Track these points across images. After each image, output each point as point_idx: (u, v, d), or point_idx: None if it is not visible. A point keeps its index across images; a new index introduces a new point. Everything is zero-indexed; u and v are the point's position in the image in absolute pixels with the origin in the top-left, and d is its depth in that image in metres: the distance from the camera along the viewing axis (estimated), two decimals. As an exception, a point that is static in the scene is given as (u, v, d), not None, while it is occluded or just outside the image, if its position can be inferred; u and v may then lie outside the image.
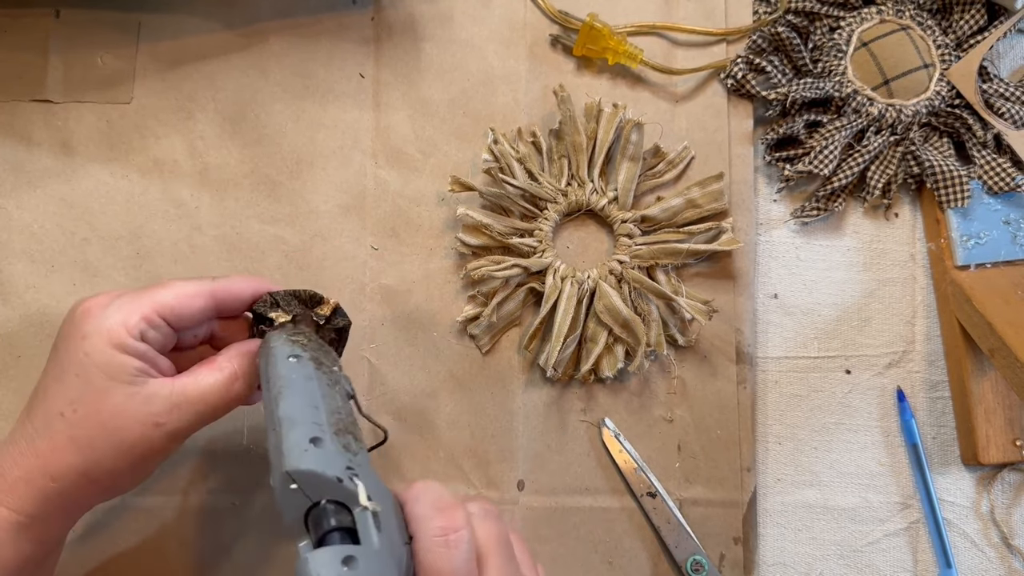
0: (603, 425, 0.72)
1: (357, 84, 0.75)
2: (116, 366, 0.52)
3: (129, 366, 0.52)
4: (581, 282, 0.71)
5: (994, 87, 0.76)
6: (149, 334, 0.54)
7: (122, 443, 0.52)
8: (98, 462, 0.52)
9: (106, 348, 0.52)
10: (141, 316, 0.53)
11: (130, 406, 0.52)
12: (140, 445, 0.52)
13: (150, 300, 0.54)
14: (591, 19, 0.74)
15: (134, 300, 0.54)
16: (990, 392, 0.72)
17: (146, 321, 0.53)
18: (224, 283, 0.57)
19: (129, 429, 0.52)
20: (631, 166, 0.73)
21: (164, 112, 0.74)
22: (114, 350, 0.52)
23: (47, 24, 0.74)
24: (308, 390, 0.51)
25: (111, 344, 0.52)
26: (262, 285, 0.58)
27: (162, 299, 0.54)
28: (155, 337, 0.54)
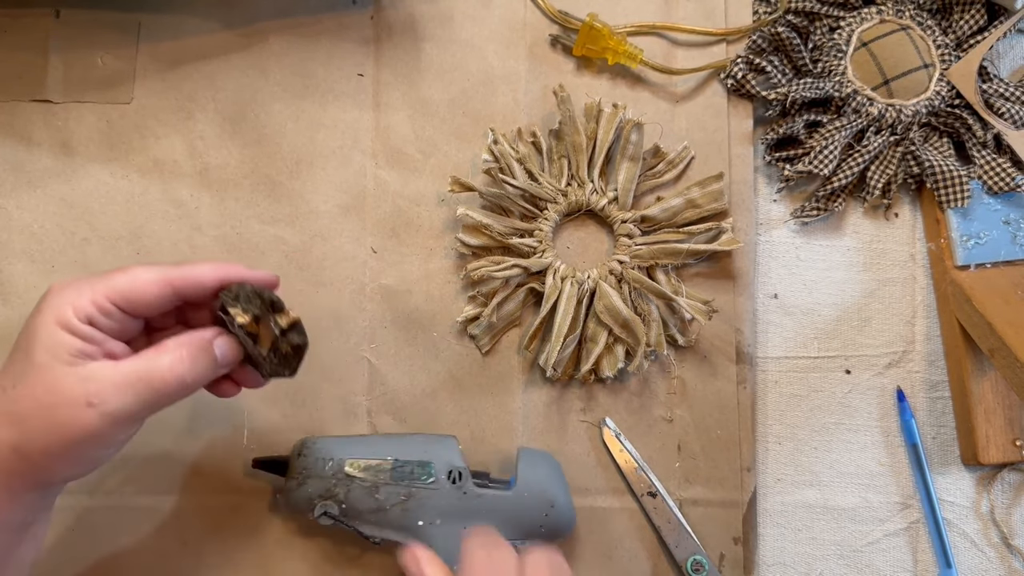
0: (603, 425, 0.72)
1: (357, 84, 0.75)
2: (56, 344, 0.51)
3: (70, 345, 0.51)
4: (581, 282, 0.71)
5: (994, 87, 0.76)
6: (98, 319, 0.53)
7: (55, 421, 0.51)
8: (31, 439, 0.51)
9: (51, 326, 0.52)
10: (91, 300, 0.53)
11: (64, 384, 0.51)
12: (74, 425, 0.51)
13: (104, 285, 0.53)
14: (591, 19, 0.74)
15: (89, 284, 0.54)
16: (990, 392, 0.72)
17: (95, 305, 0.53)
18: (185, 270, 0.56)
19: (62, 408, 0.51)
20: (631, 166, 0.73)
21: (164, 112, 0.74)
22: (57, 328, 0.52)
23: (47, 24, 0.75)
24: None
25: (56, 323, 0.52)
26: (229, 271, 0.57)
27: (116, 284, 0.54)
28: (105, 322, 0.53)
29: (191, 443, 0.70)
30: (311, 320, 0.59)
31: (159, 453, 0.70)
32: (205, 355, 0.55)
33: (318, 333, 0.68)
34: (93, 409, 0.51)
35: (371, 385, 0.72)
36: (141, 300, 0.54)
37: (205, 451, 0.70)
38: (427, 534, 0.64)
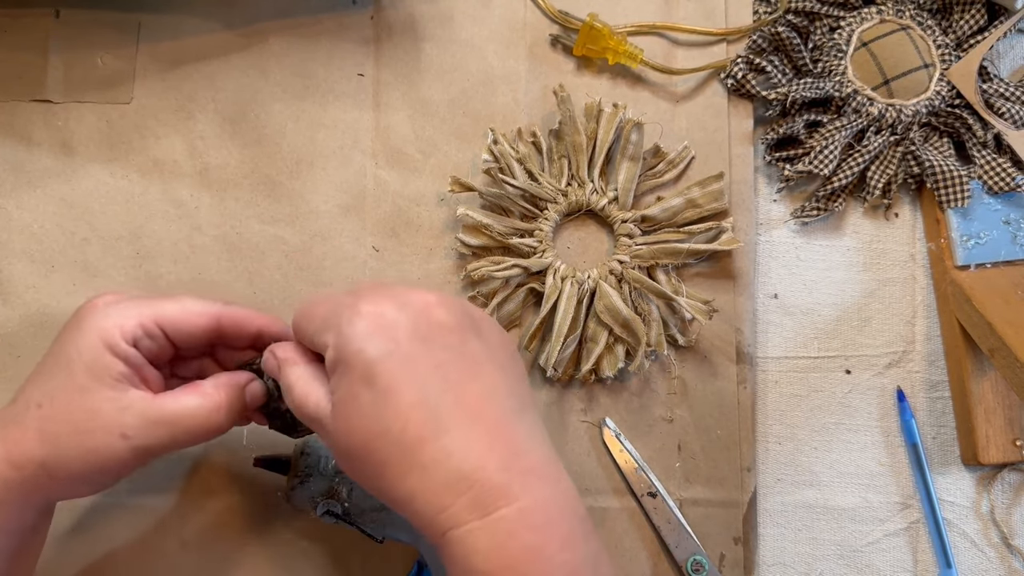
0: (604, 425, 0.72)
1: (357, 84, 0.75)
2: (101, 366, 0.51)
3: (114, 369, 0.51)
4: (581, 282, 0.71)
5: (994, 87, 0.76)
6: (143, 342, 0.53)
7: (87, 447, 0.51)
8: (60, 460, 0.51)
9: (96, 346, 0.51)
10: (139, 322, 0.52)
11: (103, 411, 0.51)
12: (104, 453, 0.51)
13: (153, 308, 0.53)
14: (591, 19, 0.74)
15: (137, 305, 0.53)
16: (990, 392, 0.72)
17: (143, 328, 0.53)
18: (233, 311, 0.56)
19: (97, 434, 0.51)
20: (631, 166, 0.73)
21: (164, 112, 0.74)
22: (104, 349, 0.51)
23: (47, 24, 0.75)
24: None
25: (102, 343, 0.51)
26: (271, 324, 0.57)
27: (166, 310, 0.54)
28: (148, 346, 0.53)
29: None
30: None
31: (159, 453, 0.70)
32: (239, 403, 0.55)
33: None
34: (126, 442, 0.51)
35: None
36: (186, 330, 0.54)
37: (205, 451, 0.70)
38: None
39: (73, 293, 0.71)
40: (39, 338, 0.71)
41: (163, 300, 0.54)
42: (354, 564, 0.70)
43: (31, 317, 0.71)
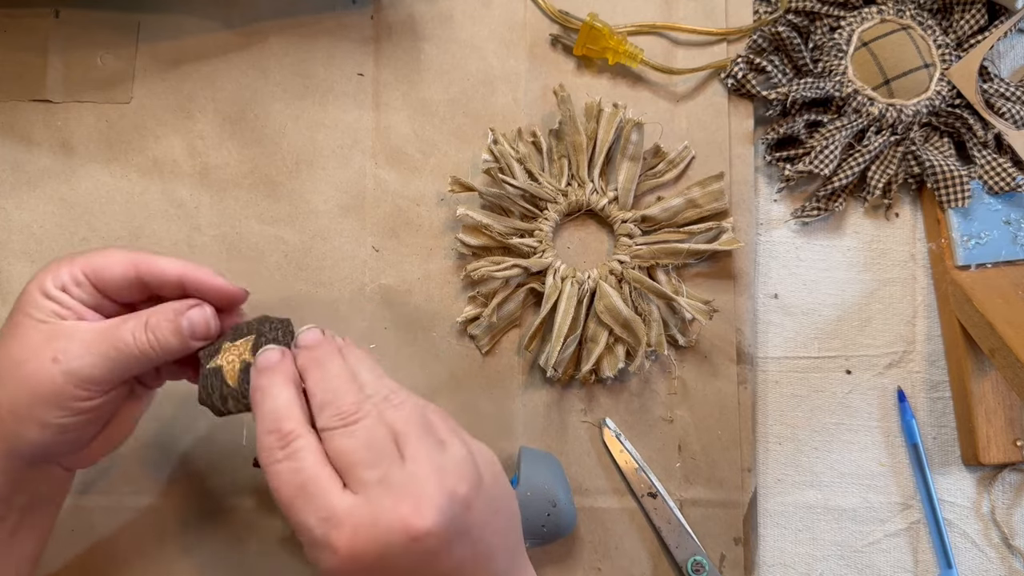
0: (604, 425, 0.72)
1: (357, 84, 0.76)
2: (33, 306, 0.54)
3: (45, 308, 0.54)
4: (581, 282, 0.71)
5: (995, 87, 0.76)
6: (71, 288, 0.54)
7: (22, 376, 0.52)
8: (4, 396, 0.53)
9: (31, 292, 0.54)
10: (68, 271, 0.54)
11: (34, 338, 0.53)
12: (37, 380, 0.52)
13: (81, 259, 0.55)
14: (591, 19, 0.74)
15: (69, 259, 0.55)
16: (991, 392, 0.72)
17: (70, 275, 0.54)
18: (151, 258, 0.56)
19: (30, 361, 0.52)
20: (631, 166, 0.73)
21: (164, 112, 0.75)
22: (36, 293, 0.54)
23: (47, 24, 0.75)
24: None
25: (36, 289, 0.54)
26: (192, 272, 0.57)
27: (90, 260, 0.55)
28: (77, 292, 0.55)
29: (190, 443, 0.70)
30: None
31: (157, 453, 0.70)
32: (171, 325, 0.55)
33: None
34: (57, 365, 0.52)
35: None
36: (108, 277, 0.55)
37: (204, 451, 0.70)
38: None
39: (73, 293, 0.71)
40: (39, 338, 0.70)
41: (91, 252, 0.56)
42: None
43: (31, 317, 0.71)
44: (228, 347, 0.56)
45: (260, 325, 0.56)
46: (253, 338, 0.56)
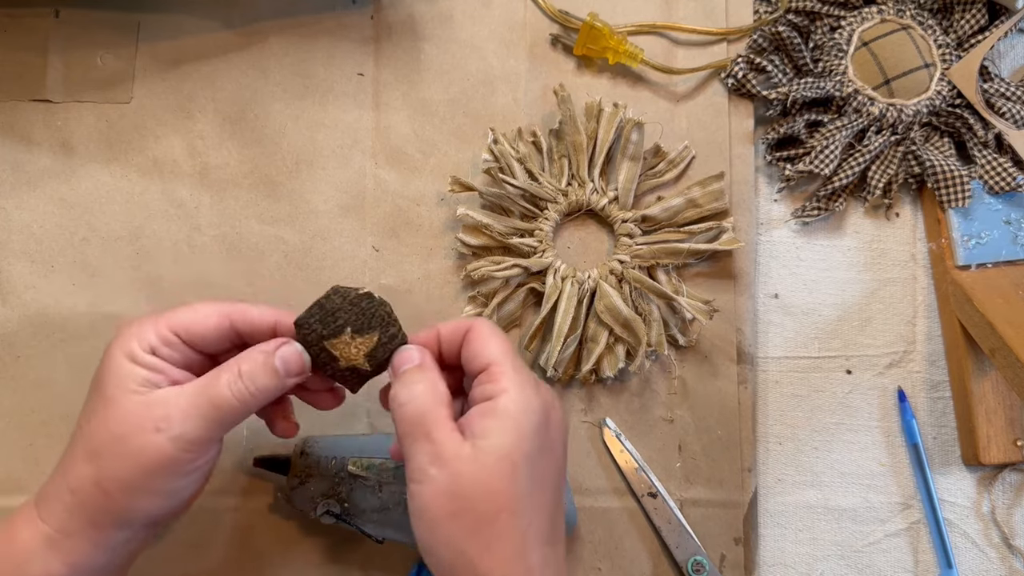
0: (604, 425, 0.72)
1: (357, 84, 0.76)
2: (124, 375, 0.52)
3: (137, 375, 0.52)
4: (581, 282, 0.71)
5: (995, 87, 0.76)
6: (161, 349, 0.54)
7: (127, 451, 0.51)
8: (107, 471, 0.52)
9: (119, 359, 0.53)
10: (155, 332, 0.54)
11: (132, 411, 0.52)
12: (144, 453, 0.51)
13: (167, 318, 0.55)
14: (591, 18, 0.75)
15: (153, 318, 0.55)
16: (991, 392, 0.73)
17: (158, 336, 0.54)
18: (242, 308, 0.56)
19: (132, 436, 0.51)
20: (631, 165, 0.73)
21: (164, 112, 0.75)
22: (124, 360, 0.53)
23: (47, 24, 0.75)
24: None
25: (124, 356, 0.53)
26: (285, 317, 0.57)
27: (178, 317, 0.55)
28: (169, 354, 0.54)
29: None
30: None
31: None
32: (265, 368, 0.54)
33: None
34: (161, 434, 0.51)
35: (371, 385, 0.72)
36: (199, 331, 0.55)
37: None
38: None
39: (73, 293, 0.72)
40: (39, 338, 0.71)
41: (177, 309, 0.55)
42: (354, 564, 0.70)
43: (31, 317, 0.71)
44: (347, 340, 0.56)
45: (371, 318, 0.56)
46: (376, 337, 0.56)
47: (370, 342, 0.56)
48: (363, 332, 0.56)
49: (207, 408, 0.53)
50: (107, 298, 0.72)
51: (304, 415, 0.71)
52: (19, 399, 0.71)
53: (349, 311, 0.55)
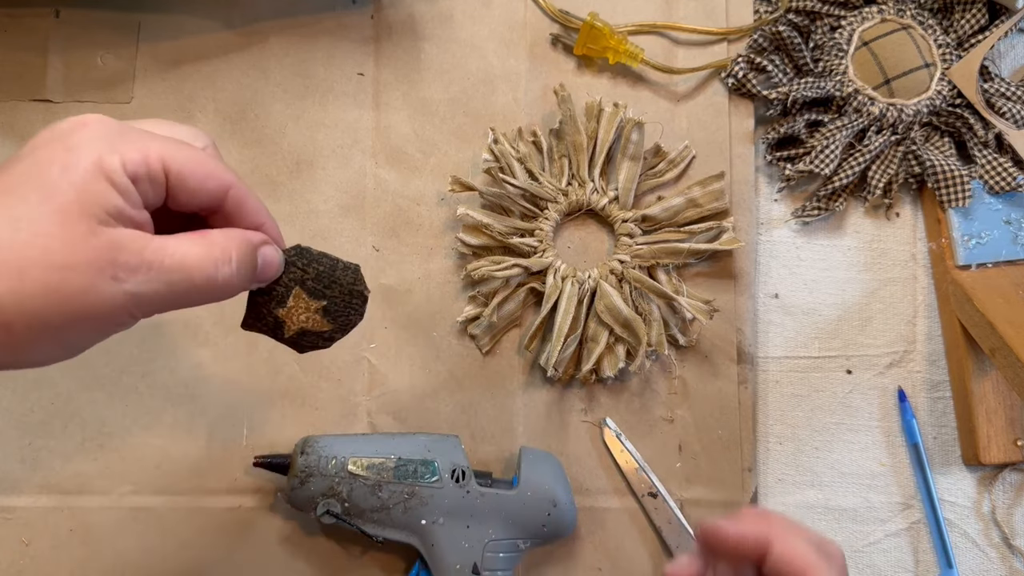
0: (604, 425, 0.72)
1: (357, 84, 0.76)
2: (93, 194, 0.41)
3: (109, 202, 0.41)
4: (582, 282, 0.72)
5: (995, 86, 0.77)
6: (142, 184, 0.43)
7: (63, 288, 0.40)
8: (21, 300, 0.40)
9: (90, 170, 0.41)
10: (142, 155, 0.43)
11: (92, 245, 0.41)
12: (87, 298, 0.41)
13: (161, 147, 0.44)
14: (591, 18, 0.75)
15: (142, 135, 0.44)
16: (991, 392, 0.73)
17: (147, 165, 0.43)
18: (241, 191, 0.47)
19: (80, 272, 0.40)
20: (632, 165, 0.74)
21: (164, 112, 0.75)
22: (99, 176, 0.41)
23: (47, 24, 0.76)
24: None
25: (98, 169, 0.41)
26: (273, 226, 0.49)
27: (175, 155, 0.44)
28: (145, 191, 0.43)
29: (190, 443, 0.71)
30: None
31: (158, 453, 0.70)
32: (249, 263, 0.47)
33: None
34: (118, 284, 0.41)
35: (371, 385, 0.72)
36: (192, 188, 0.45)
37: (204, 451, 0.71)
38: (430, 533, 0.65)
39: (74, 294, 0.71)
40: (39, 339, 0.71)
41: (174, 143, 0.45)
42: (354, 564, 0.70)
43: (31, 317, 0.71)
44: (298, 297, 0.51)
45: (331, 279, 0.51)
46: (325, 303, 0.51)
47: (315, 306, 0.51)
48: (311, 287, 0.51)
49: (180, 277, 0.43)
50: (107, 298, 0.72)
51: (304, 415, 0.71)
52: (18, 398, 0.71)
53: (323, 273, 0.51)
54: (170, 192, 0.44)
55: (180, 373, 0.71)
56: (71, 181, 0.40)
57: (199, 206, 0.46)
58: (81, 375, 0.68)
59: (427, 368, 0.73)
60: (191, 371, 0.72)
